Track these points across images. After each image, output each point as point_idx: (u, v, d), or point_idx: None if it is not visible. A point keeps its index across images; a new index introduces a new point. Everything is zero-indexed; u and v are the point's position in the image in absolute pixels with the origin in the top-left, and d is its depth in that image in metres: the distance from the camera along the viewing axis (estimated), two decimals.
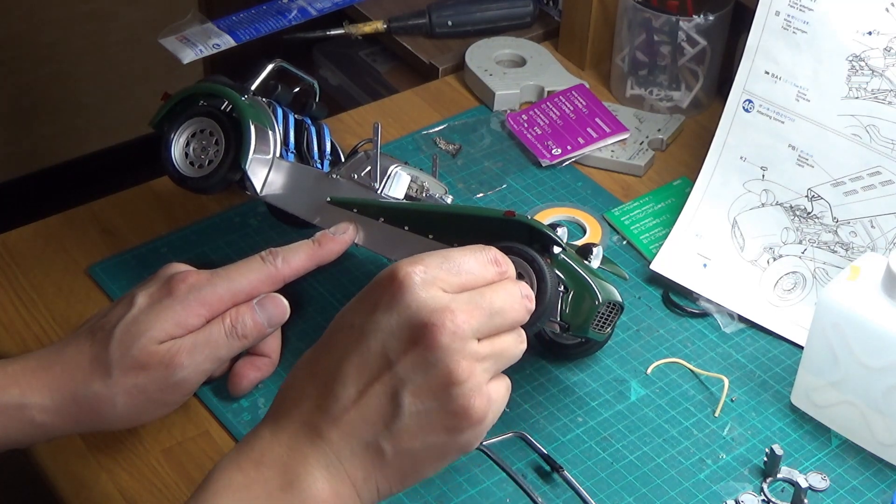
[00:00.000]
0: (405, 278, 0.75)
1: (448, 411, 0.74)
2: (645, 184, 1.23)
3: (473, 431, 0.76)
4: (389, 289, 0.75)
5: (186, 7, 1.40)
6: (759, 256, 1.11)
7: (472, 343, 0.75)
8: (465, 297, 0.76)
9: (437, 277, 0.76)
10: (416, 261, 0.76)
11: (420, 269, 0.75)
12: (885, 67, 1.06)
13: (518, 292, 0.79)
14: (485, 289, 0.77)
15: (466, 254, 0.78)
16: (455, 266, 0.77)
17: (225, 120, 1.03)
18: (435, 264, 0.76)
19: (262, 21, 1.31)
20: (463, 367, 0.74)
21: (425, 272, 0.75)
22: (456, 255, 0.78)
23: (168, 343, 0.90)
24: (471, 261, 0.78)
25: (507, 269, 0.80)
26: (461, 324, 0.74)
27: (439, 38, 1.43)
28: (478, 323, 0.75)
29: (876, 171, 1.06)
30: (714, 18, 1.26)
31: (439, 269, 0.76)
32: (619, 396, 1.01)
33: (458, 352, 0.74)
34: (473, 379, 0.74)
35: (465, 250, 0.79)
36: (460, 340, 0.74)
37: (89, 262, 1.11)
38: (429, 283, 0.75)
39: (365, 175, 1.01)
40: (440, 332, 0.73)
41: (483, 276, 0.78)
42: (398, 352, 0.74)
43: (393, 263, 0.77)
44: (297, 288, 1.00)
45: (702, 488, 0.94)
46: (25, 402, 0.88)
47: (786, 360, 1.05)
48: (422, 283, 0.75)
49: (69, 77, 2.45)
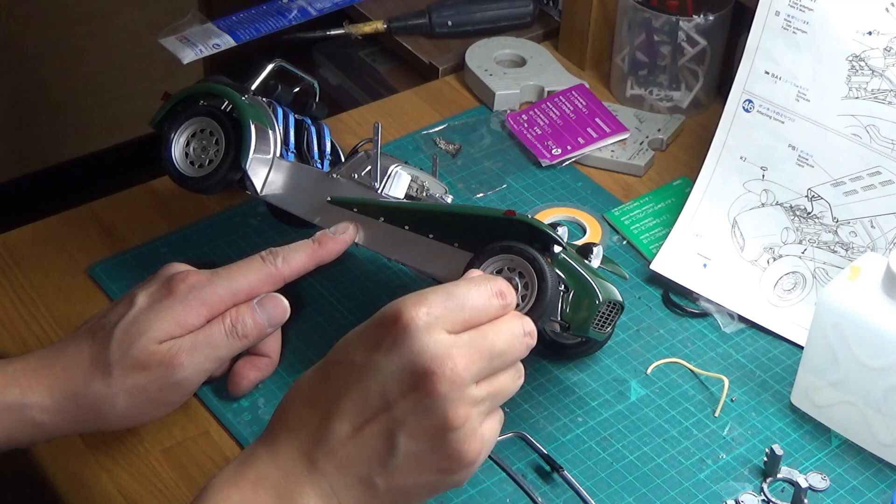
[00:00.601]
0: (409, 322, 0.75)
1: (442, 454, 0.76)
2: (645, 184, 1.23)
3: (466, 472, 0.78)
4: (392, 330, 0.76)
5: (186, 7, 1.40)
6: (759, 256, 1.11)
7: (470, 389, 0.76)
8: (467, 339, 0.76)
9: (440, 318, 0.76)
10: (420, 301, 0.76)
11: (424, 312, 0.76)
12: (885, 67, 1.06)
13: (521, 330, 0.79)
14: (487, 329, 0.78)
15: (471, 288, 0.78)
16: (459, 303, 0.77)
17: (225, 120, 1.03)
18: (438, 303, 0.76)
19: (262, 21, 1.31)
20: (459, 413, 0.75)
21: (428, 314, 0.76)
22: (460, 291, 0.78)
23: (168, 343, 0.90)
24: (475, 296, 0.78)
25: (510, 301, 0.80)
26: (461, 371, 0.75)
27: (439, 38, 1.43)
28: (478, 368, 0.76)
29: (876, 171, 1.06)
30: (714, 18, 1.26)
31: (442, 308, 0.76)
32: (619, 396, 1.01)
33: (455, 399, 0.75)
34: (469, 424, 0.76)
35: (469, 283, 0.79)
36: (458, 388, 0.75)
37: (89, 262, 1.11)
38: (432, 325, 0.76)
39: (365, 175, 1.01)
40: (439, 380, 0.74)
41: (487, 312, 0.78)
42: (397, 395, 0.75)
43: (397, 302, 0.77)
44: (297, 288, 1.00)
45: (702, 488, 0.94)
46: (26, 402, 0.88)
47: (786, 360, 1.05)
48: (425, 327, 0.75)
49: (69, 77, 2.45)
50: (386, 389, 0.75)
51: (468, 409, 0.76)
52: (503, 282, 0.80)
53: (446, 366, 0.74)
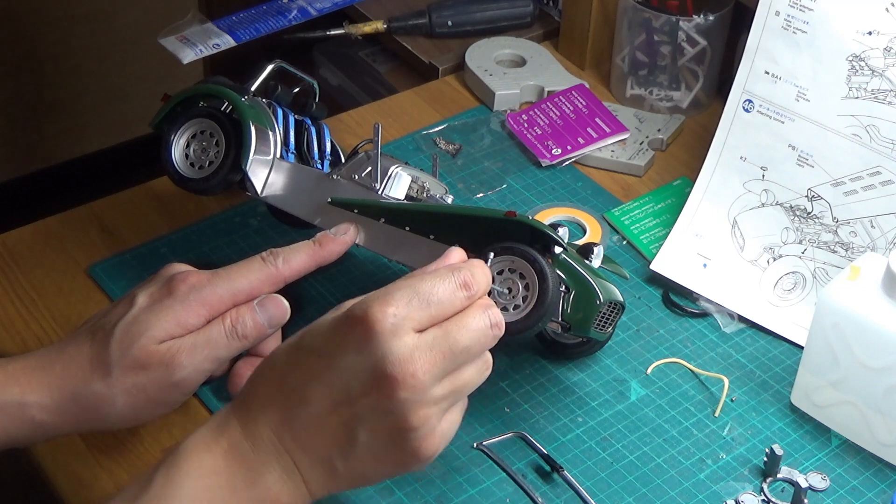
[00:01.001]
0: (374, 324, 0.77)
1: (400, 450, 0.79)
2: (645, 184, 1.23)
3: (423, 464, 0.80)
4: (358, 330, 0.77)
5: (186, 7, 1.40)
6: (759, 256, 1.11)
7: (431, 390, 0.78)
8: (431, 339, 0.78)
9: (406, 317, 0.77)
10: (386, 301, 0.78)
11: (390, 314, 0.77)
12: (885, 67, 1.06)
13: (486, 323, 0.80)
14: (451, 325, 0.79)
15: (437, 283, 0.79)
16: (424, 299, 0.78)
17: (225, 121, 1.03)
18: (404, 302, 0.78)
19: (262, 21, 1.31)
20: (419, 415, 0.77)
21: (395, 315, 0.77)
22: (426, 287, 0.79)
23: (168, 343, 0.90)
24: (440, 289, 0.79)
25: (476, 290, 0.81)
26: (422, 376, 0.77)
27: (439, 38, 1.43)
28: (440, 369, 0.78)
29: (876, 171, 1.06)
30: (714, 18, 1.26)
31: (408, 308, 0.78)
32: (619, 396, 1.01)
33: (415, 402, 0.77)
34: (428, 424, 0.78)
35: (434, 277, 0.80)
36: (419, 392, 0.77)
37: (89, 262, 1.11)
38: (397, 327, 0.77)
39: (365, 176, 1.01)
40: (400, 386, 0.76)
41: (452, 305, 0.80)
42: (359, 393, 0.77)
43: (365, 301, 0.78)
44: (297, 288, 1.00)
45: (702, 488, 0.94)
46: (25, 401, 0.88)
47: (786, 360, 1.05)
48: (390, 330, 0.77)
49: (69, 77, 2.45)
50: (349, 387, 0.78)
51: (428, 409, 0.78)
52: (468, 271, 0.81)
53: (407, 371, 0.76)
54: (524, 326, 0.89)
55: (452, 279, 0.80)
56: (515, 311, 0.90)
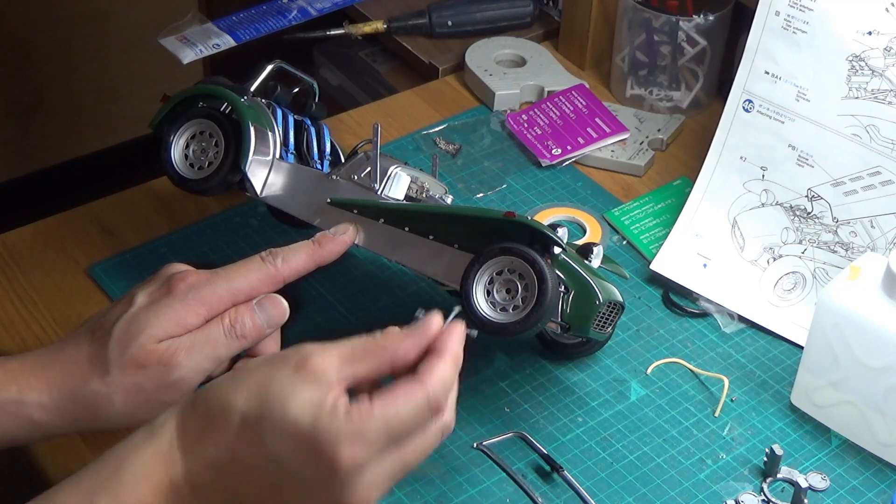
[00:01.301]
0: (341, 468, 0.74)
1: None
2: (645, 184, 1.23)
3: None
4: (326, 465, 0.75)
5: (186, 7, 1.40)
6: (759, 256, 1.11)
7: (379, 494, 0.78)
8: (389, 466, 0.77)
9: (374, 458, 0.76)
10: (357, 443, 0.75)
11: (360, 460, 0.75)
12: (885, 67, 1.06)
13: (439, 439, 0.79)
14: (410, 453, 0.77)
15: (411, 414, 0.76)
16: (395, 437, 0.76)
17: (224, 121, 1.03)
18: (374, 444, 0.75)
19: (262, 21, 1.31)
20: None
21: (363, 461, 0.75)
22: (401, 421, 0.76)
23: (167, 342, 0.90)
24: (412, 422, 0.77)
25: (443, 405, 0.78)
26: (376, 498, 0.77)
27: (439, 38, 1.43)
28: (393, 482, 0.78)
29: (876, 171, 1.06)
30: (714, 18, 1.26)
31: (378, 448, 0.76)
32: (619, 396, 1.01)
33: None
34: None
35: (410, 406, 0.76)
36: None
37: (89, 262, 1.11)
38: (364, 468, 0.75)
39: (365, 176, 1.01)
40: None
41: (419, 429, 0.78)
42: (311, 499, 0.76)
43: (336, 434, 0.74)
44: (296, 288, 1.00)
45: (702, 488, 0.94)
46: (23, 400, 0.88)
47: (786, 360, 1.05)
48: (356, 471, 0.75)
49: (69, 77, 2.45)
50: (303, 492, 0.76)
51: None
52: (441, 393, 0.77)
53: (361, 501, 0.76)
54: (524, 327, 0.89)
55: (426, 407, 0.77)
56: (515, 312, 0.90)
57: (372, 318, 1.06)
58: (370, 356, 0.78)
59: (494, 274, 0.91)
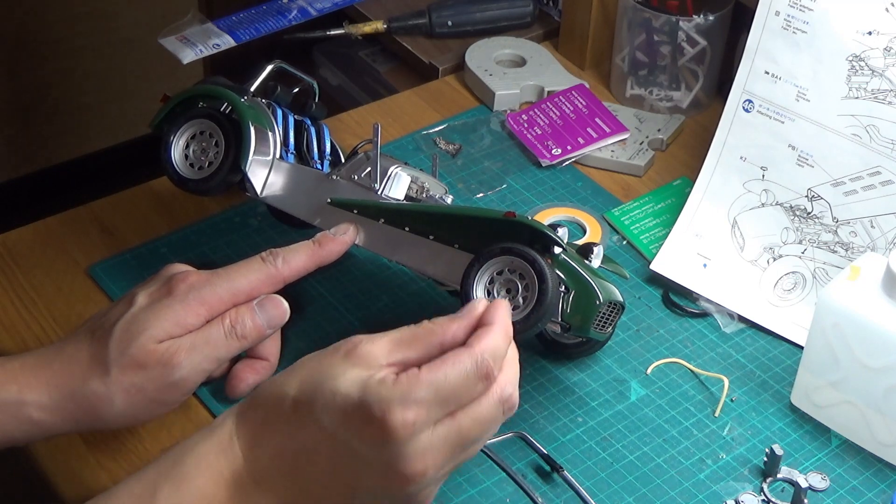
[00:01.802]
0: (392, 431, 0.75)
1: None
2: (645, 184, 1.23)
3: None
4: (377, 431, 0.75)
5: (186, 7, 1.40)
6: (759, 256, 1.11)
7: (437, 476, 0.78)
8: (443, 434, 0.76)
9: (424, 422, 0.75)
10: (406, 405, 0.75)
11: (410, 422, 0.75)
12: (885, 67, 1.06)
13: (500, 413, 0.79)
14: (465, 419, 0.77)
15: (459, 377, 0.76)
16: (444, 399, 0.76)
17: (224, 122, 1.03)
18: (424, 408, 0.75)
19: (262, 21, 1.31)
20: (422, 495, 0.78)
21: (414, 424, 0.75)
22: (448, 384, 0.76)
23: (167, 342, 0.90)
24: (461, 385, 0.77)
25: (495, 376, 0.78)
26: (432, 472, 0.76)
27: (439, 38, 1.43)
28: (449, 459, 0.77)
29: (876, 171, 1.06)
30: (714, 18, 1.26)
31: (428, 412, 0.75)
32: (619, 396, 1.01)
33: (421, 490, 0.77)
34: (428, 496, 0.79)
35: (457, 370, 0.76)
36: (427, 482, 0.77)
37: (89, 262, 1.11)
38: (416, 432, 0.75)
39: (365, 176, 1.01)
40: (409, 481, 0.76)
41: (470, 397, 0.78)
42: (365, 478, 0.77)
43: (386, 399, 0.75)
44: (297, 289, 1.00)
45: (702, 488, 0.94)
46: (23, 400, 0.88)
47: (786, 360, 1.05)
48: (407, 435, 0.75)
49: (69, 77, 2.45)
50: (357, 470, 0.77)
51: (431, 489, 0.79)
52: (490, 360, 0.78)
53: (418, 470, 0.76)
54: (524, 327, 0.89)
55: (474, 372, 0.77)
56: (515, 312, 0.90)
57: (372, 318, 1.06)
58: (419, 340, 0.79)
59: (495, 274, 0.91)
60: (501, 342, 0.79)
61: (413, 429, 0.75)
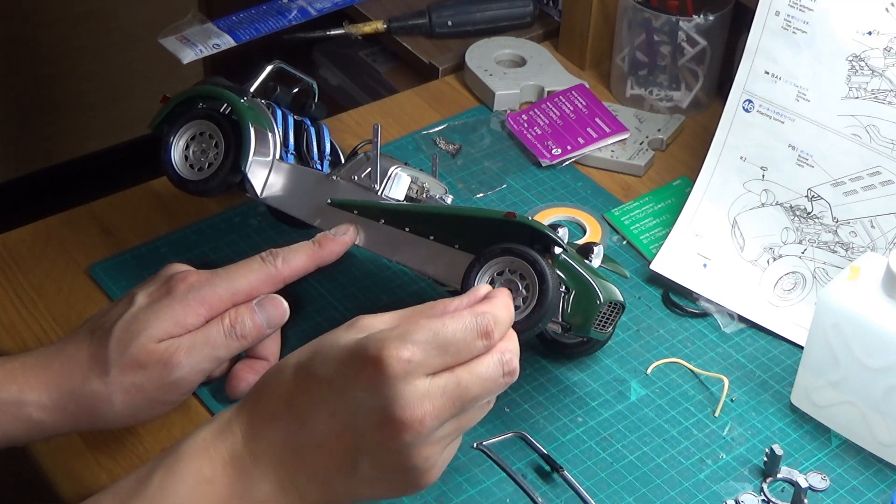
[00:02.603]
0: (388, 368, 0.75)
1: (400, 481, 0.79)
2: (645, 184, 1.23)
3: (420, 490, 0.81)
4: (371, 370, 0.76)
5: (186, 7, 1.40)
6: (759, 256, 1.11)
7: (436, 434, 0.77)
8: (442, 385, 0.77)
9: (421, 364, 0.76)
10: (403, 344, 0.76)
11: (405, 359, 0.75)
12: (885, 67, 1.06)
13: (500, 372, 0.79)
14: (464, 374, 0.78)
15: (457, 330, 0.77)
16: (442, 346, 0.77)
17: (224, 122, 1.03)
18: (421, 348, 0.76)
19: (262, 21, 1.31)
20: (422, 455, 0.77)
21: (410, 362, 0.75)
22: (446, 333, 0.77)
23: (167, 342, 0.90)
24: (459, 337, 0.77)
25: (497, 337, 0.79)
26: (429, 422, 0.76)
27: (439, 38, 1.43)
28: (448, 414, 0.77)
29: (876, 171, 1.06)
30: (714, 18, 1.26)
31: (424, 354, 0.76)
32: (619, 396, 1.01)
33: (420, 445, 0.77)
34: (429, 462, 0.78)
35: (456, 323, 0.78)
36: (424, 437, 0.77)
37: (89, 262, 1.11)
38: (410, 372, 0.76)
39: (365, 177, 1.01)
40: (407, 430, 0.76)
41: (469, 352, 0.78)
42: (365, 429, 0.77)
43: (381, 340, 0.76)
44: (297, 289, 1.00)
45: (702, 488, 0.94)
46: (23, 399, 0.88)
47: (786, 360, 1.05)
48: (403, 374, 0.75)
49: (69, 77, 2.45)
50: (356, 421, 0.77)
51: (431, 450, 0.78)
52: (491, 317, 0.79)
53: (415, 417, 0.76)
54: (524, 327, 0.89)
55: (475, 327, 0.78)
56: (516, 312, 0.90)
57: None
58: (419, 314, 0.80)
59: (495, 274, 0.91)
60: (503, 312, 0.80)
61: (408, 366, 0.75)
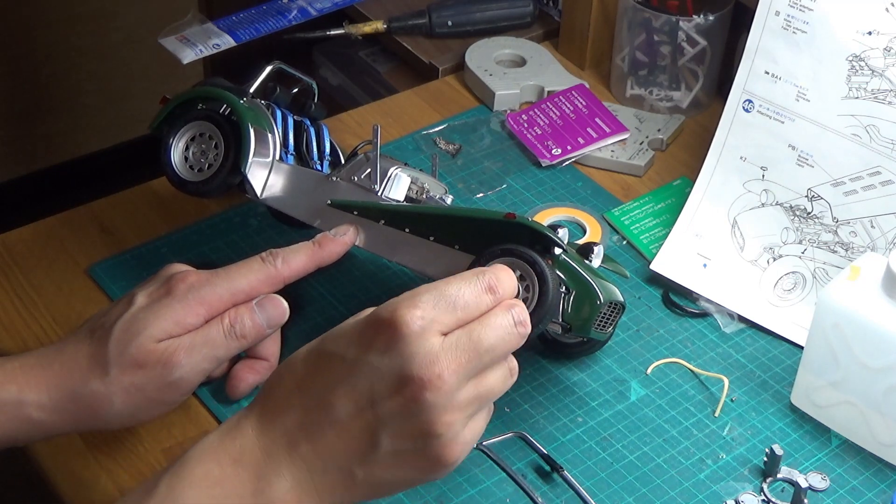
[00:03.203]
0: (401, 327, 0.76)
1: (422, 456, 0.77)
2: (645, 184, 1.23)
3: (445, 471, 0.79)
4: (385, 332, 0.76)
5: (186, 7, 1.40)
6: (759, 256, 1.11)
7: (457, 395, 0.77)
8: (455, 339, 0.77)
9: (433, 320, 0.77)
10: (413, 304, 0.77)
11: (417, 316, 0.76)
12: (885, 67, 1.06)
13: (510, 322, 0.79)
14: (476, 325, 0.78)
15: (462, 286, 0.79)
16: (451, 302, 0.78)
17: (224, 123, 1.03)
18: (431, 305, 0.77)
19: (262, 21, 1.31)
20: (444, 420, 0.76)
21: (422, 318, 0.76)
22: (451, 290, 0.78)
23: (166, 342, 0.90)
24: (466, 293, 0.79)
25: (502, 294, 0.80)
26: (448, 377, 0.76)
27: (439, 38, 1.43)
28: (466, 370, 0.77)
29: (876, 171, 1.06)
30: (714, 18, 1.26)
31: (434, 311, 0.77)
32: (619, 396, 1.01)
33: (441, 406, 0.76)
34: (452, 430, 0.77)
35: (460, 281, 0.79)
36: (445, 395, 0.76)
37: (89, 262, 1.11)
38: (424, 329, 0.76)
39: (365, 177, 1.01)
40: (426, 388, 0.75)
41: (478, 307, 0.79)
42: (384, 395, 0.76)
43: (392, 303, 0.77)
44: (297, 289, 1.00)
45: (702, 488, 0.94)
46: (23, 399, 0.88)
47: (786, 360, 1.05)
48: (417, 332, 0.76)
49: (69, 77, 2.45)
50: (374, 389, 0.76)
51: (453, 415, 0.77)
52: (493, 275, 0.80)
53: (434, 373, 0.75)
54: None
55: (478, 283, 0.79)
56: None
57: None
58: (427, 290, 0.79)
59: None
60: (504, 274, 0.81)
61: (422, 322, 0.76)
